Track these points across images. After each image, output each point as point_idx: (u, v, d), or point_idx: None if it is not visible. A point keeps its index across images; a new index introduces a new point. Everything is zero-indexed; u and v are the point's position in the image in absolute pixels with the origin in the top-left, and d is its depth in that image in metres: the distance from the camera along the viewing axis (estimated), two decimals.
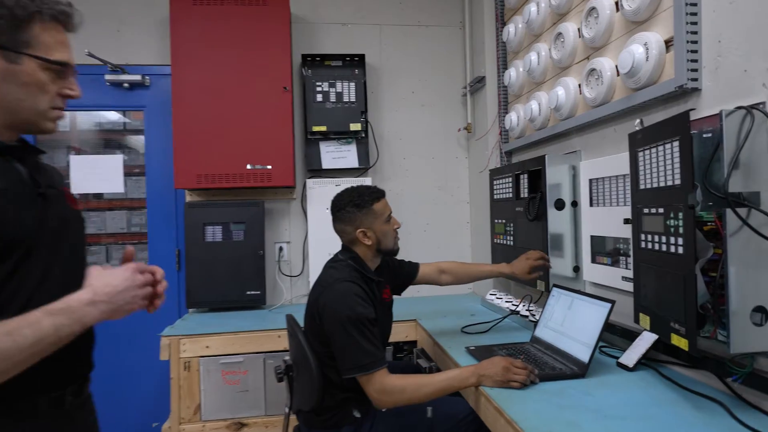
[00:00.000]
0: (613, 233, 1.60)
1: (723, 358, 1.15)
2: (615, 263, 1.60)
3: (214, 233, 2.48)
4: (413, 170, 2.80)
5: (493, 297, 2.33)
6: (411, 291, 2.76)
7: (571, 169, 1.82)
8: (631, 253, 1.49)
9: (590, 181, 1.74)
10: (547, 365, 1.40)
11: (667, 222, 1.18)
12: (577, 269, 1.81)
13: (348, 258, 1.53)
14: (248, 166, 2.42)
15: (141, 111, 2.66)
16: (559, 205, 1.81)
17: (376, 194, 1.56)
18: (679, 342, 1.13)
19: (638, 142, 1.32)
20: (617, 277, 1.58)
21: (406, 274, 1.84)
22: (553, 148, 2.02)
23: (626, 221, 1.49)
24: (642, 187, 1.31)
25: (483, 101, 2.59)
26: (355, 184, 1.63)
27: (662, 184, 1.21)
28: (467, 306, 2.42)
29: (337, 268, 1.50)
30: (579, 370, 1.35)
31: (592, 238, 1.73)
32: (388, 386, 1.34)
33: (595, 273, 1.72)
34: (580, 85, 1.75)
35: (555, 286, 1.68)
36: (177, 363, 2.02)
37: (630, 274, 1.50)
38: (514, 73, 2.24)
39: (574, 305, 1.52)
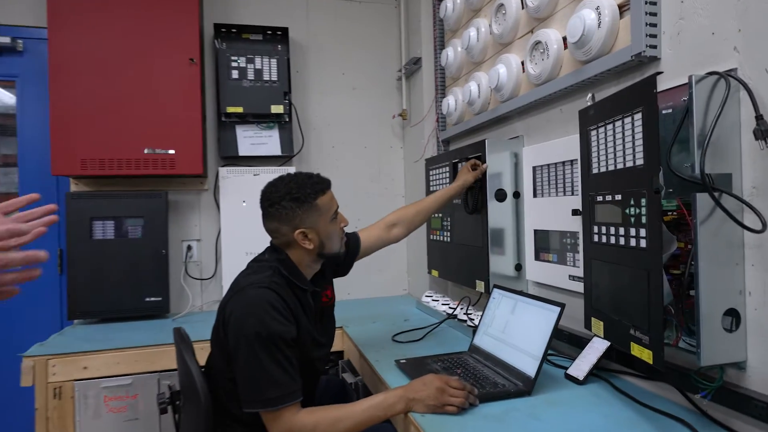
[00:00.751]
0: (560, 226, 1.42)
1: (688, 370, 0.98)
2: (561, 260, 1.42)
3: (104, 229, 2.09)
4: (343, 160, 2.54)
5: (429, 299, 2.12)
6: (338, 293, 2.52)
7: (513, 157, 1.64)
8: (580, 248, 1.31)
9: (534, 169, 1.56)
10: (488, 381, 1.19)
11: (626, 211, 1.00)
12: (519, 267, 1.63)
13: (275, 259, 1.22)
14: (146, 150, 2.05)
15: (12, 81, 2.20)
16: (500, 196, 1.62)
17: (320, 185, 1.22)
18: (641, 353, 0.95)
19: (590, 119, 1.14)
20: (564, 276, 1.40)
21: (349, 254, 1.50)
22: (494, 134, 1.83)
23: (575, 212, 1.32)
24: (595, 171, 1.13)
25: (419, 85, 2.38)
26: (290, 173, 1.27)
27: (620, 167, 1.03)
28: (401, 309, 2.19)
29: (256, 270, 1.20)
30: (524, 387, 1.15)
31: (536, 232, 1.55)
32: (297, 426, 1.06)
33: (539, 271, 1.54)
34: (523, 63, 1.57)
35: (496, 287, 1.48)
36: (44, 390, 1.63)
37: (579, 272, 1.32)
38: (451, 53, 2.04)
39: (518, 309, 1.32)
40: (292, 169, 2.35)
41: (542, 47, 1.42)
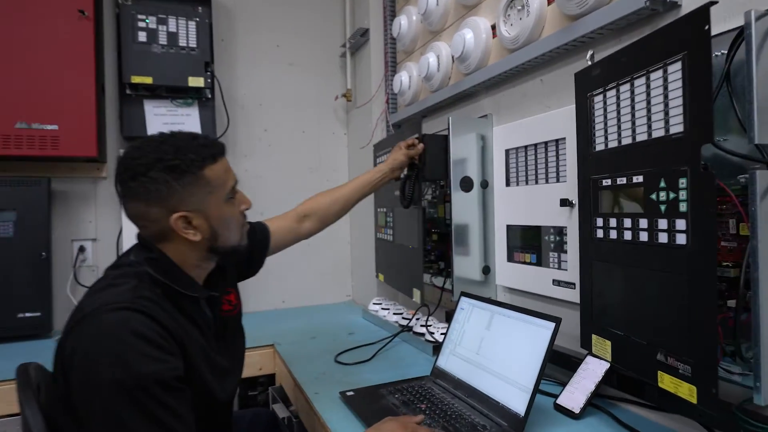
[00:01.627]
0: (540, 220, 1.17)
1: (728, 404, 0.75)
2: (542, 262, 1.17)
3: None
4: (277, 146, 2.18)
5: (377, 307, 1.82)
6: (272, 301, 2.17)
7: (480, 139, 1.38)
8: (570, 247, 1.07)
9: (506, 152, 1.30)
10: (463, 422, 0.91)
11: (652, 196, 0.75)
12: (487, 270, 1.37)
13: (143, 262, 0.83)
14: (18, 125, 1.60)
15: None
16: (466, 185, 1.35)
17: (209, 150, 0.84)
18: (677, 388, 0.71)
19: (593, 81, 0.89)
20: (545, 280, 1.15)
21: (257, 248, 1.15)
22: (457, 115, 1.57)
23: (564, 203, 1.07)
24: (599, 148, 0.88)
25: (366, 61, 2.07)
26: (163, 132, 0.86)
27: (641, 138, 0.78)
28: (344, 320, 1.88)
29: (114, 282, 0.81)
30: (512, 428, 0.88)
31: (509, 228, 1.29)
32: None
33: (512, 275, 1.29)
34: (494, 27, 1.31)
35: (464, 294, 1.21)
36: None
37: (568, 276, 1.08)
38: (404, 22, 1.75)
39: (496, 324, 1.05)
40: None
41: (520, 3, 1.17)
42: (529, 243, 1.22)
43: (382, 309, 1.78)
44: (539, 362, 0.89)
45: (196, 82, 1.92)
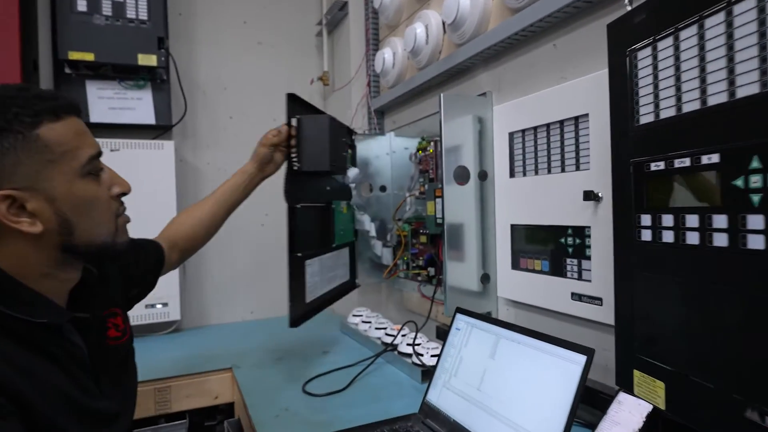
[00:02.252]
0: (554, 218, 0.94)
1: None
2: (557, 270, 0.94)
3: None
4: (244, 136, 1.91)
5: (357, 319, 1.58)
6: (239, 312, 1.87)
7: (477, 122, 1.15)
8: (594, 252, 0.84)
9: (511, 136, 1.07)
10: None
11: (737, 182, 0.52)
12: (486, 279, 1.14)
13: None
14: None
15: None
16: (461, 176, 1.12)
17: (46, 104, 0.61)
18: None
19: (637, 30, 0.66)
20: (561, 293, 0.92)
21: (145, 254, 0.93)
22: (450, 93, 1.33)
23: (588, 196, 0.84)
24: (645, 120, 0.65)
25: (345, 38, 1.83)
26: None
27: (715, 102, 0.55)
28: (320, 334, 1.63)
29: None
30: None
31: (515, 229, 1.06)
32: None
33: (518, 286, 1.06)
34: None
35: (460, 311, 0.97)
36: None
37: (590, 289, 0.85)
38: None
39: (503, 352, 0.82)
40: (169, 144, 1.72)
41: None
42: (540, 247, 0.99)
43: (363, 322, 1.54)
44: (565, 409, 0.66)
45: (148, 60, 1.66)
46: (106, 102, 1.68)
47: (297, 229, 1.06)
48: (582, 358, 0.67)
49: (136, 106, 1.72)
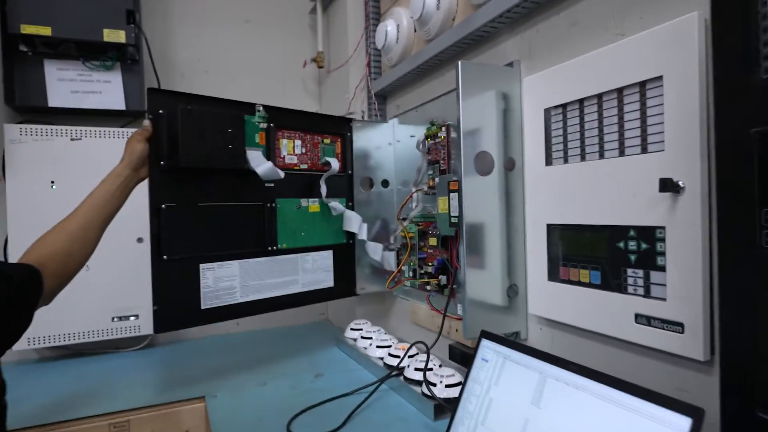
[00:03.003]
0: (611, 217, 0.73)
1: None
2: (613, 284, 0.73)
3: None
4: None
5: (356, 334, 1.37)
6: (222, 324, 1.66)
7: (501, 99, 0.93)
8: (670, 260, 0.63)
9: (547, 113, 0.86)
10: None
11: None
12: (514, 292, 0.93)
13: None
14: None
15: None
16: (484, 165, 0.91)
17: None
18: None
19: None
20: (620, 313, 0.71)
21: (17, 283, 0.73)
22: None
23: (666, 185, 0.62)
24: None
25: (341, 14, 1.62)
26: None
27: None
28: (313, 351, 1.42)
29: None
30: None
31: (552, 230, 0.85)
32: None
33: (557, 302, 0.84)
34: None
35: (487, 336, 0.76)
36: None
37: (665, 310, 0.64)
38: None
39: (552, 397, 0.60)
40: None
41: None
42: (588, 252, 0.77)
43: (363, 338, 1.32)
44: None
45: (115, 36, 1.44)
46: (68, 85, 1.47)
47: (161, 230, 1.02)
48: (684, 423, 0.46)
49: (104, 89, 1.51)
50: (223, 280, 1.14)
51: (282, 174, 1.19)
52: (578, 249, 0.79)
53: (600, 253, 0.75)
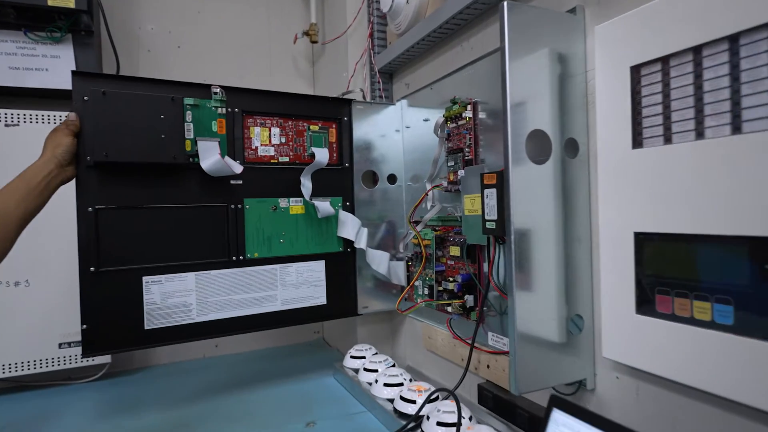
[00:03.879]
0: (753, 225, 0.47)
1: None
2: (761, 327, 0.47)
3: None
4: None
5: (358, 363, 1.11)
6: (199, 346, 1.41)
7: (556, 62, 0.68)
8: None
9: (636, 73, 0.60)
10: None
11: None
12: (576, 325, 0.67)
13: None
14: None
15: None
16: (538, 149, 0.65)
17: None
18: None
19: None
20: None
21: None
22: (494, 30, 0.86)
23: None
24: None
25: None
26: None
27: None
28: (304, 383, 1.16)
29: None
30: None
31: (645, 241, 0.59)
32: None
33: (652, 346, 0.58)
34: None
35: (558, 403, 0.50)
36: None
37: None
38: None
39: None
40: None
41: None
42: (711, 276, 0.51)
43: (366, 370, 1.06)
44: None
45: (62, 0, 1.18)
46: (5, 59, 1.21)
47: (90, 238, 0.88)
48: None
49: (51, 66, 1.25)
50: (173, 296, 0.94)
51: (238, 169, 0.96)
52: (691, 271, 0.53)
53: (733, 279, 0.49)
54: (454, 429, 0.73)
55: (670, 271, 0.55)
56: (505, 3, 0.62)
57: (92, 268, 0.88)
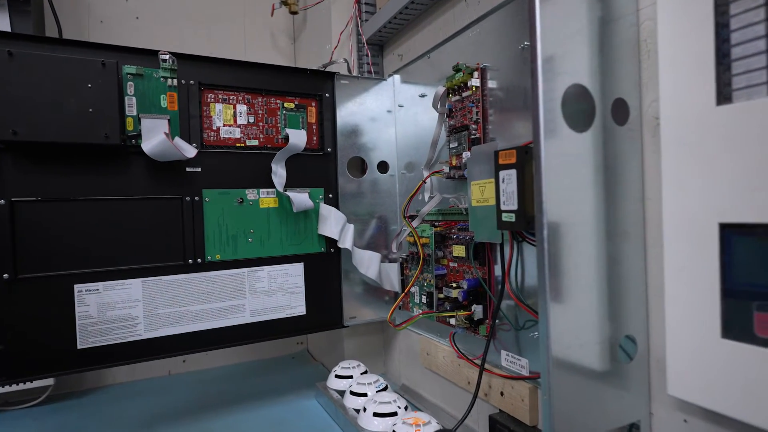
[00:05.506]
0: None
1: None
2: None
3: None
4: None
5: (344, 384, 0.94)
6: (165, 362, 1.24)
7: (598, 4, 0.51)
8: None
9: (720, 9, 0.43)
10: None
11: None
12: (627, 351, 0.50)
13: None
14: None
15: None
16: (580, 113, 0.48)
17: None
18: None
19: None
20: None
21: None
22: None
23: None
24: None
25: None
26: None
27: None
28: (281, 406, 0.98)
29: None
30: None
31: (734, 236, 0.42)
32: None
33: (747, 383, 0.41)
34: None
35: None
36: None
37: None
38: None
39: None
40: None
41: None
42: None
43: (354, 393, 0.89)
44: None
45: None
46: None
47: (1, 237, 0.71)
48: None
49: None
50: (114, 308, 0.77)
51: (191, 152, 0.79)
52: None
53: None
54: None
55: None
56: None
57: (6, 275, 0.70)
